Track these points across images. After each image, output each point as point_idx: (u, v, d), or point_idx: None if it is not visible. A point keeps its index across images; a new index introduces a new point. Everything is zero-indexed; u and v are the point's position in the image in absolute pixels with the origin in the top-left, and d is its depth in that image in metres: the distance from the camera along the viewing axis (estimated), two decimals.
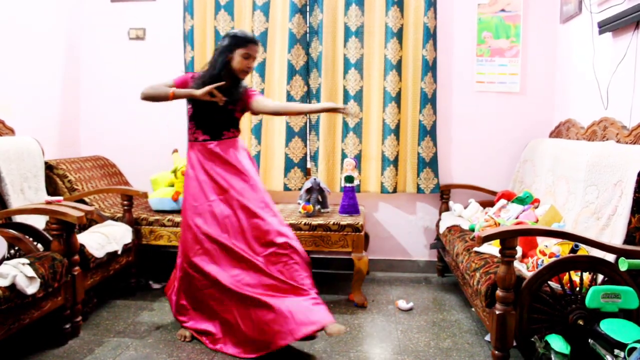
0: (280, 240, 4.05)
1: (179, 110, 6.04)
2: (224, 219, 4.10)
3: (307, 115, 5.95)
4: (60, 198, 4.46)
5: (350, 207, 5.28)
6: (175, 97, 4.09)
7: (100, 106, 6.41)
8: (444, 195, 5.88)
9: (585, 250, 3.47)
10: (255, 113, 4.37)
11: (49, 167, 5.23)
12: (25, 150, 4.84)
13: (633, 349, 2.71)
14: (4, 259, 3.42)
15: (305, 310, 3.82)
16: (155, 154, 6.23)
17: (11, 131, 4.97)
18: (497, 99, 5.88)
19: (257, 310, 3.86)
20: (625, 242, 3.28)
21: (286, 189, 6.03)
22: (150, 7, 6.27)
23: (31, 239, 4.05)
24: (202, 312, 4.12)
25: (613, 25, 4.16)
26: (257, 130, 5.97)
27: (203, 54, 6.01)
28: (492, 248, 3.95)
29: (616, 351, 2.80)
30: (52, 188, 5.22)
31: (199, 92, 4.01)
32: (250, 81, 5.86)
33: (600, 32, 4.38)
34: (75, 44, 6.29)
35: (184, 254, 4.12)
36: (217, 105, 4.13)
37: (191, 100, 4.22)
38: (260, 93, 4.60)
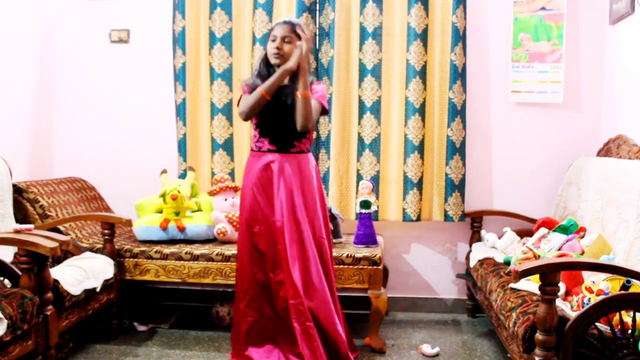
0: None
1: (169, 123, 6.13)
2: None
3: (316, 131, 5.98)
4: (31, 226, 4.46)
5: (367, 237, 5.31)
6: (270, 91, 4.23)
7: (77, 120, 6.46)
8: (475, 223, 5.91)
9: (638, 286, 3.49)
10: None
11: (17, 191, 5.28)
12: None
13: None
14: None
15: None
16: (141, 175, 6.27)
17: None
18: (537, 111, 5.92)
19: None
20: None
21: None
22: (134, 5, 6.35)
23: None
24: None
25: None
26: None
27: (196, 60, 6.09)
28: (531, 284, 3.98)
29: None
30: (21, 214, 5.26)
31: (291, 62, 4.17)
32: None
33: None
34: (49, 47, 6.36)
35: None
36: (285, 106, 4.28)
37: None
38: (322, 96, 4.48)
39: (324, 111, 4.50)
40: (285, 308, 4.18)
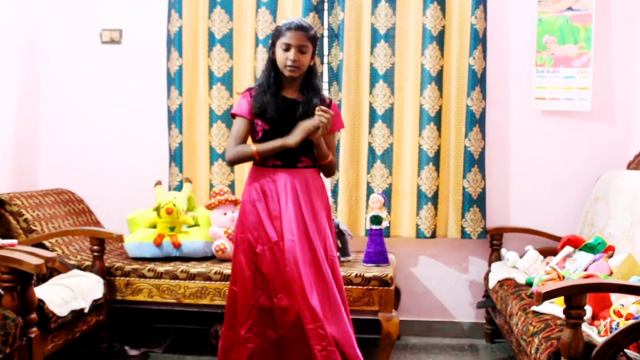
0: None
1: (164, 131, 6.16)
2: None
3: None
4: (14, 241, 4.47)
5: (377, 255, 5.33)
6: (260, 155, 4.15)
7: (64, 127, 6.49)
8: (494, 240, 5.93)
9: None
10: None
11: None
12: None
13: None
14: None
15: None
16: (133, 187, 6.29)
17: None
18: (562, 119, 5.95)
19: None
20: None
21: None
22: (127, 3, 6.38)
23: None
24: None
25: None
26: None
27: (194, 62, 6.13)
28: (555, 307, 4.00)
29: None
30: (3, 229, 5.29)
31: (293, 140, 4.01)
32: None
33: None
34: (35, 48, 6.39)
35: None
36: (293, 121, 4.09)
37: (263, 114, 4.16)
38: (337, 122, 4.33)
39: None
40: (287, 335, 4.09)
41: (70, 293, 4.62)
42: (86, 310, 4.78)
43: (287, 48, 4.01)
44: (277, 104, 4.10)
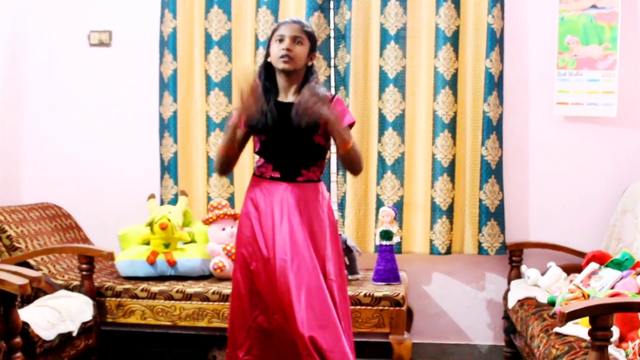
0: None
1: (157, 140, 6.19)
2: None
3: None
4: None
5: (388, 273, 5.33)
6: (237, 140, 4.13)
7: (49, 136, 6.50)
8: (514, 257, 5.91)
9: None
10: None
11: None
12: None
13: None
14: None
15: None
16: (125, 201, 6.29)
17: None
18: (586, 126, 5.94)
19: None
20: None
21: None
22: (118, 3, 6.39)
23: None
24: None
25: None
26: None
27: (189, 66, 6.15)
28: (580, 328, 3.99)
29: None
30: None
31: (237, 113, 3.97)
32: None
33: None
34: (18, 51, 6.40)
35: None
36: (291, 129, 4.00)
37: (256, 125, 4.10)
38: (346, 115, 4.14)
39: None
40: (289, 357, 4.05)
41: (57, 315, 4.61)
42: (74, 334, 4.77)
43: (281, 39, 3.97)
44: (265, 111, 4.01)
